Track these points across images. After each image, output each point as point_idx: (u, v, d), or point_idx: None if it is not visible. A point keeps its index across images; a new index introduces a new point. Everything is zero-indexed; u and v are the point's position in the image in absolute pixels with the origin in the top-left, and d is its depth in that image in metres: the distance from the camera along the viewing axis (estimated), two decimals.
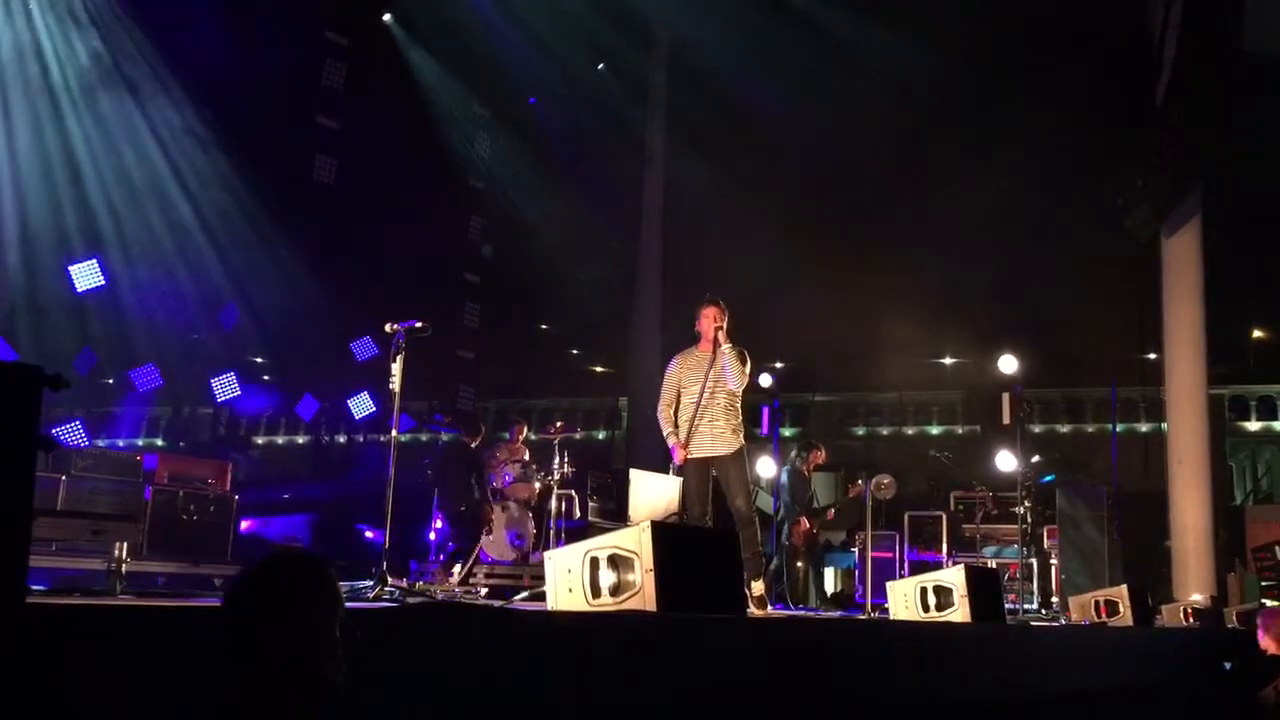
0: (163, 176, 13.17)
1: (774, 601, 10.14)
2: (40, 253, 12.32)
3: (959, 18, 15.92)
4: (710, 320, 7.35)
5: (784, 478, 11.15)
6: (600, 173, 17.99)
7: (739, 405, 7.40)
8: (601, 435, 29.49)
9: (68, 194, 12.50)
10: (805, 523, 10.94)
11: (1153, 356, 16.11)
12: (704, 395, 7.25)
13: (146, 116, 12.97)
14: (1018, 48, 16.81)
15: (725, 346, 7.22)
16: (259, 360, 16.23)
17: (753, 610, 6.60)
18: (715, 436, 7.24)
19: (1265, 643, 7.19)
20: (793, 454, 11.68)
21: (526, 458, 10.74)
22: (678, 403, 7.44)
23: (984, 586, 6.64)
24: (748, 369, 7.33)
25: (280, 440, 31.84)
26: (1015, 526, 12.08)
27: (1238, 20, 13.11)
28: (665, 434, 7.49)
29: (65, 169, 12.43)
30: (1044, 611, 11.51)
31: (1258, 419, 29.06)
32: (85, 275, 11.54)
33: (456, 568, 9.27)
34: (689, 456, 7.29)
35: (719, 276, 7.31)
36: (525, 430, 11.50)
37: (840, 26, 15.35)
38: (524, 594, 6.77)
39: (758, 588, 7.02)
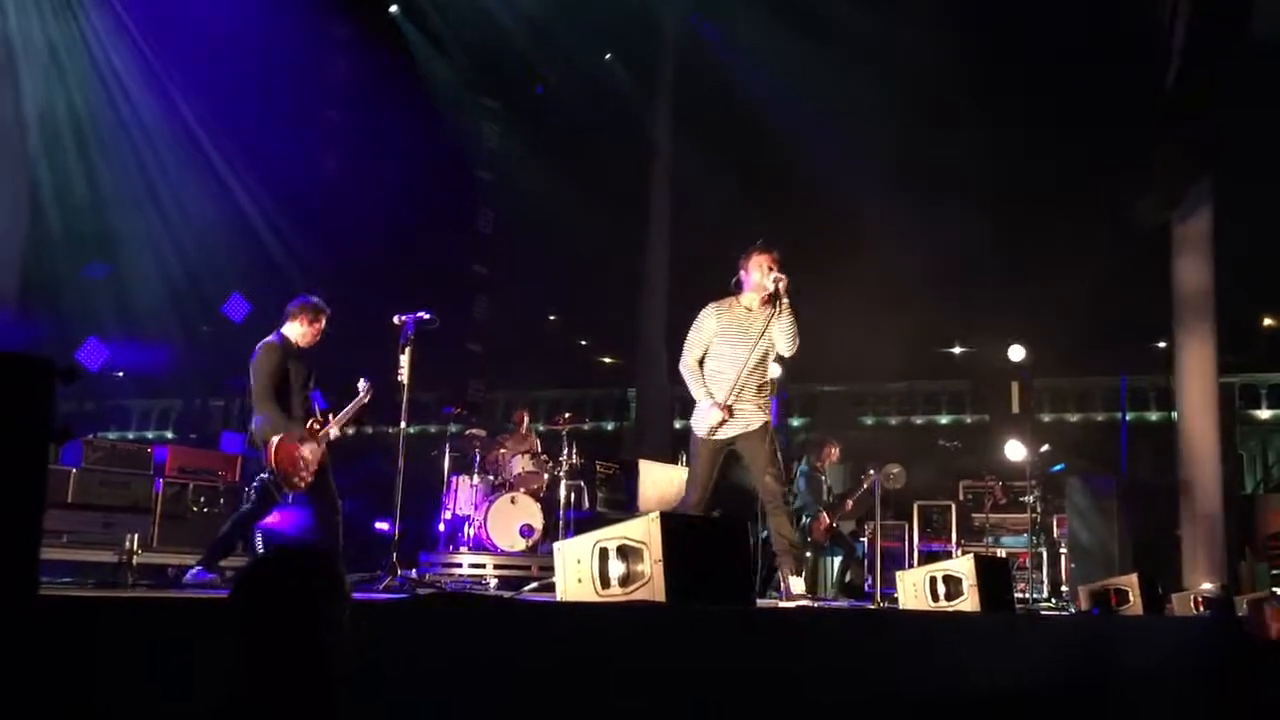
0: (164, 170, 13.18)
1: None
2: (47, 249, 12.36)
3: (968, 6, 15.88)
4: (763, 271, 6.34)
5: (800, 478, 11.10)
6: (608, 163, 17.98)
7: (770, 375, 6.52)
8: (610, 426, 29.47)
9: (69, 188, 12.52)
10: (825, 519, 10.92)
11: (1163, 345, 16.08)
12: (750, 361, 6.30)
13: (148, 108, 12.97)
14: (1027, 35, 16.75)
15: (787, 301, 6.26)
16: None
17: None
18: (746, 412, 6.35)
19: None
20: (807, 453, 11.60)
21: (538, 449, 10.74)
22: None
23: (993, 576, 6.63)
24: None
25: None
26: (1025, 516, 12.09)
27: (1247, 6, 13.06)
28: (698, 392, 6.41)
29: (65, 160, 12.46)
30: (1053, 600, 11.51)
31: (1268, 407, 28.97)
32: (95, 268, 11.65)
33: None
34: (711, 438, 6.33)
35: (726, 267, 6.80)
36: (526, 418, 11.43)
37: (843, 16, 15.30)
38: (533, 585, 6.78)
39: (798, 585, 6.26)
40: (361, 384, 7.21)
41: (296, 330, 7.10)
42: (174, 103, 13.08)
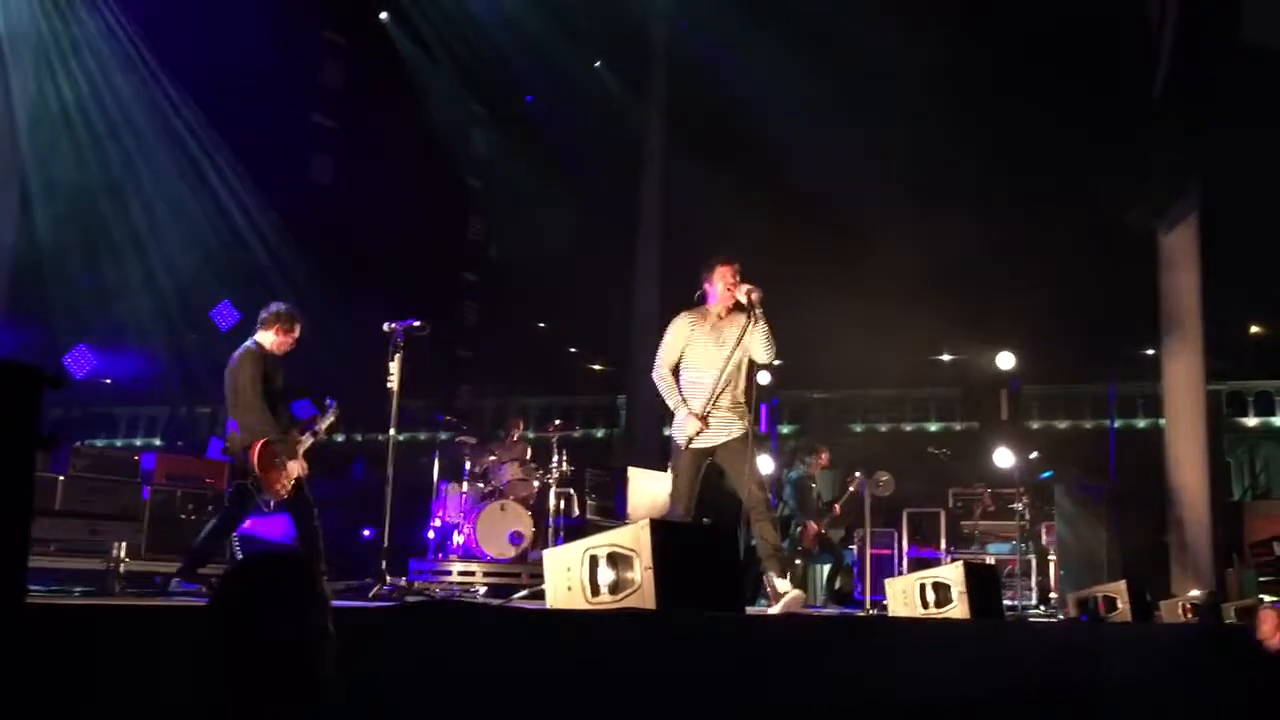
0: (154, 176, 13.14)
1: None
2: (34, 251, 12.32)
3: (957, 12, 15.91)
4: (726, 283, 6.35)
5: (788, 485, 11.09)
6: (598, 170, 17.98)
7: (749, 383, 6.47)
8: (600, 433, 29.47)
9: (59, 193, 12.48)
10: (813, 526, 10.91)
11: (1150, 352, 16.12)
12: (726, 371, 6.30)
13: (140, 112, 12.94)
14: (1016, 41, 16.79)
15: (760, 311, 6.25)
16: None
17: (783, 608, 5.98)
18: (726, 421, 6.34)
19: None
20: (797, 460, 11.58)
21: (527, 456, 10.72)
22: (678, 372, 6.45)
23: (982, 583, 6.64)
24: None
25: None
26: (1014, 523, 12.10)
27: (1236, 10, 13.10)
28: (672, 402, 6.43)
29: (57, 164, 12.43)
30: (1042, 608, 11.52)
31: (1255, 415, 29.06)
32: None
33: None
34: (691, 448, 6.35)
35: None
36: (520, 427, 11.44)
37: (837, 20, 15.32)
38: (523, 592, 6.78)
39: (784, 584, 6.19)
40: (328, 403, 7.26)
41: (270, 338, 7.10)
42: (165, 108, 13.06)
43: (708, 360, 6.39)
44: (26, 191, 11.97)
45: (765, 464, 11.60)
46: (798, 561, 11.33)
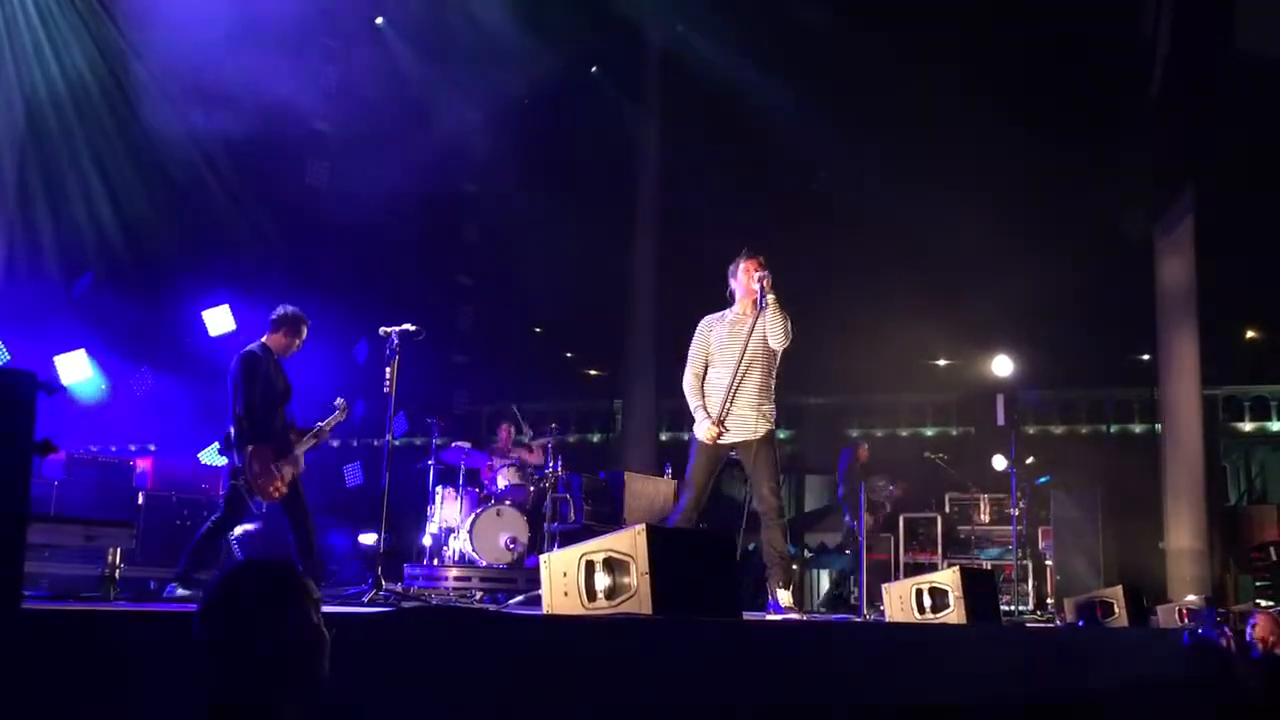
0: (152, 178, 13.12)
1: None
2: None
3: (953, 17, 15.94)
4: (750, 276, 6.45)
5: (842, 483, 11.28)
6: (594, 175, 17.97)
7: (773, 381, 6.52)
8: (596, 438, 29.42)
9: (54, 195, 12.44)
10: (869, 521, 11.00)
11: (1146, 357, 16.13)
12: (741, 367, 6.37)
13: (138, 117, 12.92)
14: (1012, 46, 16.81)
15: (771, 297, 6.33)
16: None
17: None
18: (744, 419, 6.37)
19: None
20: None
21: (523, 461, 10.71)
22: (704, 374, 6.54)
23: (979, 588, 6.63)
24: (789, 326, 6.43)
25: None
26: (1010, 528, 12.11)
27: (1229, 18, 13.15)
28: (693, 406, 6.50)
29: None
30: (1039, 612, 11.53)
31: (1251, 419, 29.04)
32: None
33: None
34: (712, 443, 6.39)
35: (713, 279, 6.87)
36: (512, 431, 11.43)
37: (831, 26, 15.33)
38: (519, 597, 6.77)
39: (785, 597, 6.27)
40: (338, 401, 7.23)
41: (279, 341, 7.11)
42: (162, 111, 13.03)
43: (726, 358, 6.47)
44: (24, 189, 11.94)
45: None
46: (794, 567, 11.36)
